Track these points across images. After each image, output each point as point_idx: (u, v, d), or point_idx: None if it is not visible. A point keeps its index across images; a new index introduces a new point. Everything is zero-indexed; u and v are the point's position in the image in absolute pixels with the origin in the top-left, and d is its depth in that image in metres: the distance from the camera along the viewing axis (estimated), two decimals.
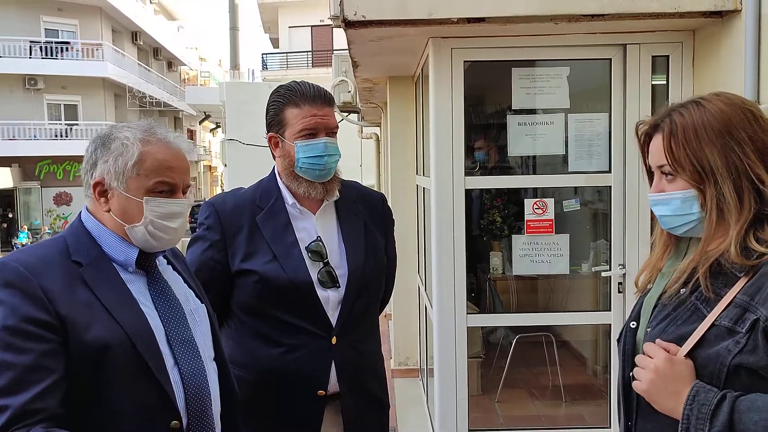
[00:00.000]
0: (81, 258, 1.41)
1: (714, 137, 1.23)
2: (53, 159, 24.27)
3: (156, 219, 1.44)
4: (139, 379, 1.37)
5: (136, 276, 1.47)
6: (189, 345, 1.48)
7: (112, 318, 1.36)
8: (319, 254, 1.93)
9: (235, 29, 20.29)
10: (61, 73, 23.94)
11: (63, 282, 1.35)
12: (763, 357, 1.12)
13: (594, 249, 3.97)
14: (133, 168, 1.42)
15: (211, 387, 1.51)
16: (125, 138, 1.44)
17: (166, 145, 1.47)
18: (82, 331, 1.31)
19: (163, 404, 1.39)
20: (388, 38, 3.23)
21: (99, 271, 1.41)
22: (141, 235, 1.44)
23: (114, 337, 1.34)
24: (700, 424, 1.13)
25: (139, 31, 28.07)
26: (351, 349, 1.94)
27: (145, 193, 1.44)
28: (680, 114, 1.29)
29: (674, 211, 1.29)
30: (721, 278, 1.22)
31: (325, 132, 1.94)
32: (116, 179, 1.43)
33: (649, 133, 1.36)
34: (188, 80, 35.80)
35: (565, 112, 3.30)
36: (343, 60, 6.95)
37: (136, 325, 1.38)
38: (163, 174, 1.44)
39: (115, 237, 1.46)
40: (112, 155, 1.44)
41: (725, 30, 2.85)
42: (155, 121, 1.57)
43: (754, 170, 1.21)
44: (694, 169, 1.25)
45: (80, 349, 1.31)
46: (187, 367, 1.45)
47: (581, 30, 3.05)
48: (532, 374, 4.61)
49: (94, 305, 1.36)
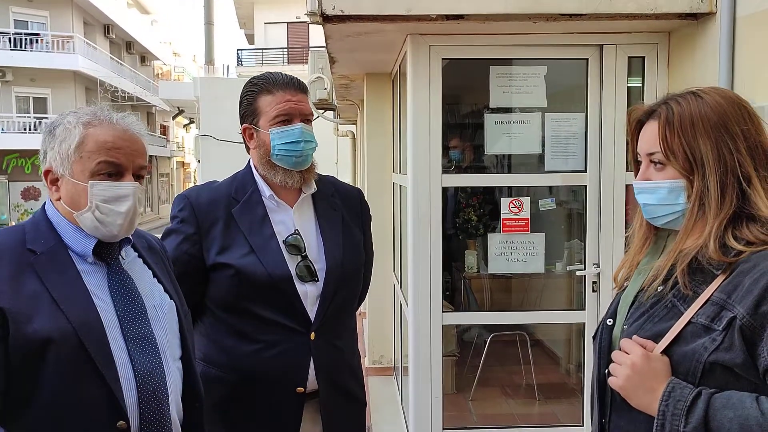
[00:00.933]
0: (36, 246, 1.35)
1: (710, 129, 1.23)
2: (21, 153, 23.75)
3: (101, 203, 1.37)
4: (83, 376, 1.30)
5: (96, 267, 1.41)
6: (146, 341, 1.40)
7: (59, 310, 1.30)
8: (297, 248, 1.89)
9: (210, 24, 20.10)
10: (30, 66, 23.44)
11: (9, 271, 1.30)
12: (738, 355, 1.13)
13: (568, 248, 4.00)
14: (75, 151, 1.37)
15: (170, 387, 1.43)
16: (68, 122, 1.39)
17: (109, 125, 1.40)
18: (22, 323, 1.26)
19: (110, 403, 1.32)
20: (366, 34, 3.21)
21: (53, 261, 1.35)
22: (90, 221, 1.38)
23: (57, 330, 1.28)
24: (675, 420, 1.13)
25: (111, 24, 27.62)
26: (329, 346, 1.91)
27: (89, 177, 1.37)
28: (677, 103, 1.28)
29: (660, 200, 1.29)
30: (699, 275, 1.22)
31: (300, 118, 1.91)
32: (61, 165, 1.38)
33: (641, 120, 1.35)
34: (162, 75, 35.34)
35: (542, 112, 3.32)
36: (319, 57, 6.91)
37: (84, 318, 1.32)
38: (105, 154, 1.37)
39: (72, 226, 1.40)
40: (56, 141, 1.39)
41: (700, 32, 2.88)
42: (111, 108, 1.49)
43: (743, 166, 1.21)
44: (686, 158, 1.24)
45: (20, 342, 1.25)
46: (143, 365, 1.37)
47: (559, 29, 3.06)
48: (506, 373, 4.63)
49: (41, 296, 1.30)
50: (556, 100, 3.35)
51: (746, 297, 1.13)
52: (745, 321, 1.12)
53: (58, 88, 24.59)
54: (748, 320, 1.12)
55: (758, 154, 1.23)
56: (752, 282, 1.13)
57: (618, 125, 3.21)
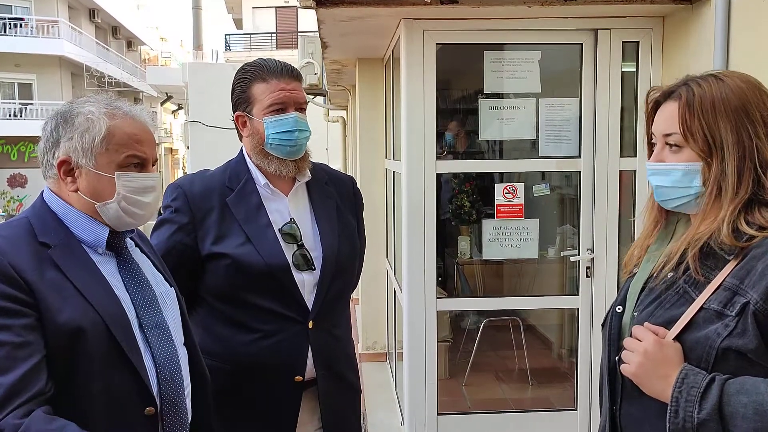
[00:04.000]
0: (48, 239, 1.34)
1: (730, 112, 1.22)
2: (7, 139, 23.43)
3: (129, 194, 1.39)
4: (113, 365, 1.31)
5: (107, 258, 1.42)
6: (161, 329, 1.43)
7: (86, 300, 1.30)
8: (293, 236, 1.87)
9: (198, 8, 19.87)
10: (14, 51, 23.06)
11: (32, 262, 1.29)
12: (752, 340, 1.13)
13: (560, 234, 4.01)
14: (101, 143, 1.37)
15: (183, 372, 1.47)
16: (89, 113, 1.38)
17: (132, 118, 1.43)
18: (54, 313, 1.26)
19: (139, 390, 1.35)
20: (359, 18, 3.18)
21: (69, 253, 1.35)
22: (114, 212, 1.39)
23: (88, 321, 1.28)
24: (689, 407, 1.13)
25: (96, 8, 27.18)
26: (327, 334, 1.91)
27: (116, 168, 1.39)
28: (698, 84, 1.26)
29: (674, 182, 1.27)
30: (710, 261, 1.22)
31: (294, 106, 1.88)
32: (84, 156, 1.37)
33: (658, 101, 1.33)
34: (149, 60, 34.93)
35: (536, 97, 3.30)
36: (309, 42, 6.85)
37: (110, 308, 1.33)
38: (133, 147, 1.40)
39: (83, 217, 1.40)
40: (77, 131, 1.37)
41: (695, 17, 2.87)
42: (114, 95, 1.52)
43: (760, 152, 1.21)
44: (705, 141, 1.23)
45: (53, 332, 1.25)
46: (160, 352, 1.41)
47: (554, 14, 3.04)
48: (499, 358, 4.66)
49: (66, 287, 1.30)
50: (550, 86, 3.34)
51: (759, 282, 1.13)
52: (759, 306, 1.12)
53: (43, 74, 24.22)
54: (762, 305, 1.12)
55: None
56: (765, 267, 1.13)
57: (612, 110, 3.20)
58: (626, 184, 3.29)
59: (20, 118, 23.51)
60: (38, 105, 23.62)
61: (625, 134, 3.22)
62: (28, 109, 23.75)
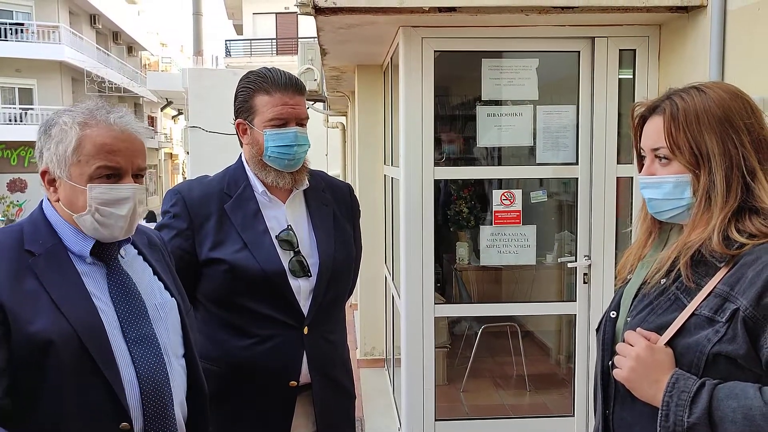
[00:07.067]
0: (34, 247, 1.33)
1: (714, 124, 1.24)
2: (7, 144, 23.46)
3: (101, 206, 1.34)
4: (85, 378, 1.28)
5: (95, 268, 1.39)
6: (148, 341, 1.38)
7: (59, 311, 1.27)
8: (290, 243, 1.89)
9: (198, 14, 19.92)
10: (15, 56, 23.11)
11: (9, 271, 1.28)
12: (741, 346, 1.14)
13: (558, 240, 4.02)
14: (73, 154, 1.33)
15: (174, 386, 1.42)
16: (63, 123, 1.35)
17: (107, 126, 1.36)
18: (24, 324, 1.24)
19: (112, 404, 1.30)
20: (358, 26, 3.20)
21: (51, 262, 1.33)
22: (89, 224, 1.35)
23: (58, 332, 1.26)
24: (679, 411, 1.14)
25: (97, 14, 27.25)
26: (322, 340, 1.92)
27: (88, 180, 1.34)
28: (681, 98, 1.28)
29: (665, 195, 1.29)
30: (702, 268, 1.23)
31: (295, 121, 1.90)
32: (58, 167, 1.35)
33: (644, 116, 1.35)
34: (149, 66, 34.99)
35: (533, 104, 3.32)
36: (309, 48, 6.88)
37: (84, 319, 1.30)
38: (104, 158, 1.34)
39: (70, 227, 1.38)
40: (53, 142, 1.35)
41: (691, 25, 2.89)
42: (105, 102, 1.44)
43: (747, 161, 1.22)
44: (692, 153, 1.25)
45: (22, 343, 1.23)
46: (145, 365, 1.36)
47: (551, 22, 3.06)
48: (497, 364, 4.66)
49: (41, 297, 1.28)
50: (547, 93, 3.36)
51: (749, 289, 1.14)
52: (748, 313, 1.13)
53: (44, 79, 24.27)
54: (751, 312, 1.13)
55: (761, 147, 1.24)
56: (755, 274, 1.14)
57: (609, 118, 3.22)
58: (623, 191, 3.31)
59: (21, 123, 23.54)
60: (39, 110, 23.64)
61: (622, 141, 3.24)
62: (29, 115, 23.77)
